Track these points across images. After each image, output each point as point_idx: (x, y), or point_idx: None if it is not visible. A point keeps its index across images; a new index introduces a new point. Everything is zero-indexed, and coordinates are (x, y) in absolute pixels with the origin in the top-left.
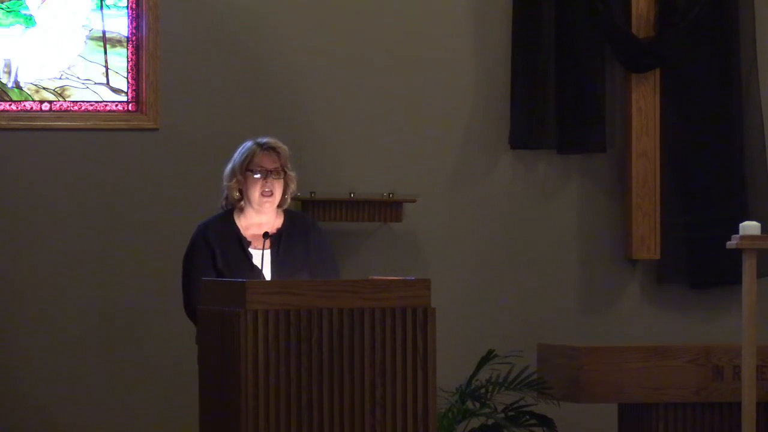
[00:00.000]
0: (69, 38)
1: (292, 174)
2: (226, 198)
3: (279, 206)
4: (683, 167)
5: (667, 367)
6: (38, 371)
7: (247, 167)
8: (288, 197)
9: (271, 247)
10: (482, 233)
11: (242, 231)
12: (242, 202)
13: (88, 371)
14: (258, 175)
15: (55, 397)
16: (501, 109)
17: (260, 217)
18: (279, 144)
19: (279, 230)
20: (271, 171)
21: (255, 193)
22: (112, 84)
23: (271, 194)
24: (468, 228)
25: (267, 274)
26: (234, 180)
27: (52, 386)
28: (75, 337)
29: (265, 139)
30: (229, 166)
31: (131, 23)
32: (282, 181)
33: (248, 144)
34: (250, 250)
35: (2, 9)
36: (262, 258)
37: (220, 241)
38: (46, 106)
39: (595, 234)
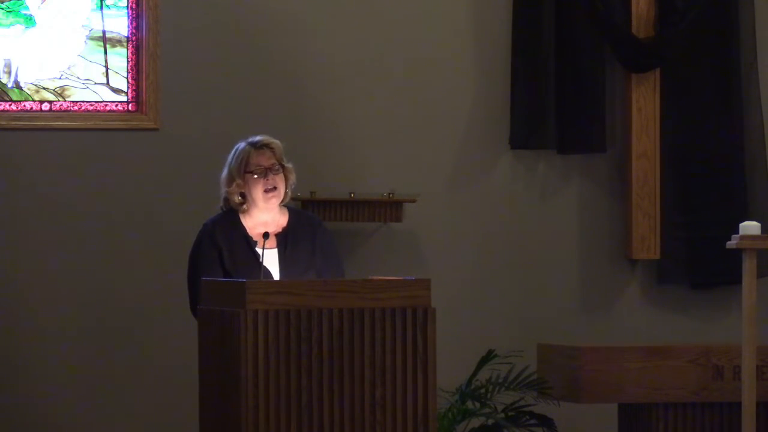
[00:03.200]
0: (69, 38)
1: (289, 166)
2: (225, 200)
3: (281, 200)
4: (683, 167)
5: (667, 367)
6: (38, 371)
7: (245, 170)
8: (289, 191)
9: (278, 246)
10: (482, 233)
11: (248, 231)
12: (245, 205)
13: (88, 371)
14: (257, 175)
15: (56, 397)
16: (501, 109)
17: (265, 216)
18: (271, 140)
19: (284, 229)
20: (269, 168)
21: (258, 192)
22: (112, 84)
23: (275, 189)
24: (468, 228)
25: (275, 274)
26: (234, 185)
27: (52, 386)
28: (75, 337)
29: (257, 138)
30: (225, 171)
31: (131, 23)
32: (282, 175)
33: (241, 146)
34: (258, 249)
35: (2, 9)
36: (262, 255)
37: (228, 240)
38: (46, 106)
39: (595, 234)
